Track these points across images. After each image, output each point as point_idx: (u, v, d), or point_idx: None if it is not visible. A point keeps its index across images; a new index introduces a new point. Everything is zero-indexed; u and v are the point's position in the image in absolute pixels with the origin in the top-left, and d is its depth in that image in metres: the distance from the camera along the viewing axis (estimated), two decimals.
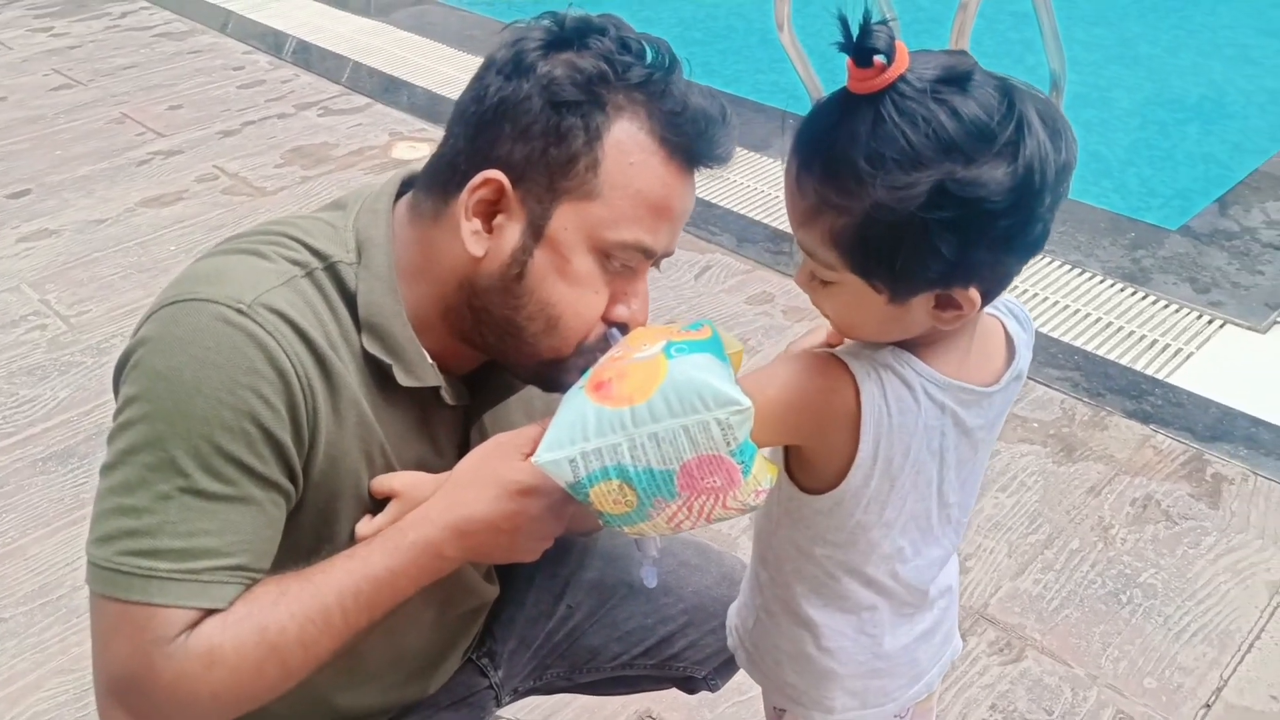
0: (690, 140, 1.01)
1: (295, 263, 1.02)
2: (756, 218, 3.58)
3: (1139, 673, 2.02)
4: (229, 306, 0.94)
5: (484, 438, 1.13)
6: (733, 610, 1.21)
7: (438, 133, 4.24)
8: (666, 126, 1.00)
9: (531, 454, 0.95)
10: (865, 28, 0.79)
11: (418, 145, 4.14)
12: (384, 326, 1.03)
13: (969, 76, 0.81)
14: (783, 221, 3.52)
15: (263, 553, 0.98)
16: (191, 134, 4.32)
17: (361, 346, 1.03)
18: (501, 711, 1.42)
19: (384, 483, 1.06)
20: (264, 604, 0.96)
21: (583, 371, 0.98)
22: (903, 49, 0.80)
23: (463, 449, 1.11)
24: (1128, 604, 2.16)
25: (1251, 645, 2.06)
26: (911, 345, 0.93)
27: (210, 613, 0.94)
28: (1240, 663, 2.03)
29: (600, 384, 0.92)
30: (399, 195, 1.11)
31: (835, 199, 0.83)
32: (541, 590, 1.42)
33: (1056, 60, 3.73)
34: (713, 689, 1.48)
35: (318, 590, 0.97)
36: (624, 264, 1.03)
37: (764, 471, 0.90)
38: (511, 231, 1.00)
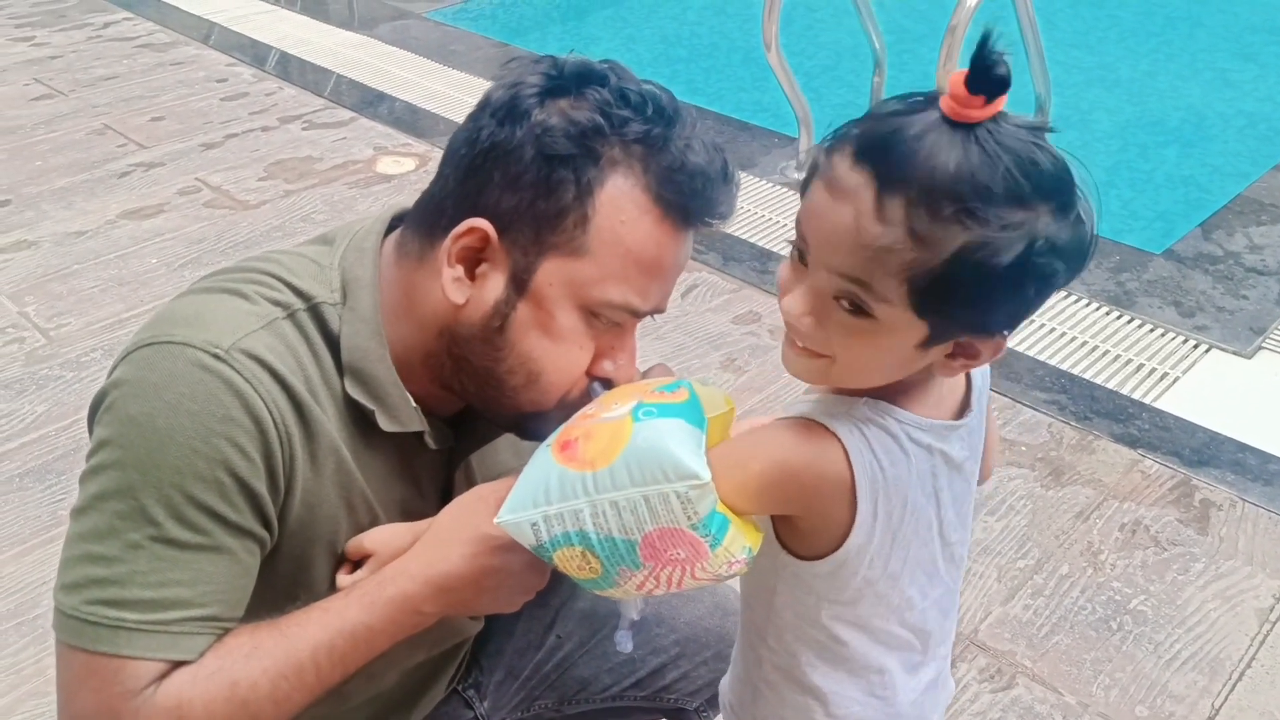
0: (686, 199, 0.97)
1: (277, 303, 0.99)
2: (743, 236, 3.58)
3: (1130, 700, 2.01)
4: (206, 351, 0.91)
5: (468, 479, 1.12)
6: (725, 687, 1.15)
7: (421, 147, 4.19)
8: (662, 183, 0.96)
9: None
10: (993, 54, 0.73)
11: (402, 160, 4.11)
12: (367, 371, 1.00)
13: (1046, 126, 0.80)
14: (769, 240, 3.52)
15: (235, 602, 0.95)
16: (173, 146, 4.28)
17: (343, 390, 1.00)
18: None
19: (357, 544, 1.04)
20: (235, 658, 0.93)
21: (561, 423, 0.96)
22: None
23: (446, 491, 1.10)
24: (1118, 630, 2.16)
25: (1243, 673, 2.06)
26: (884, 389, 0.89)
27: (180, 664, 0.91)
28: (1232, 691, 2.02)
29: (566, 443, 0.90)
30: (389, 230, 1.08)
31: (926, 228, 0.76)
32: (531, 620, 1.40)
33: (1041, 83, 3.76)
34: None
35: (291, 645, 0.94)
36: (611, 321, 1.00)
37: (739, 542, 0.87)
38: (495, 281, 0.98)
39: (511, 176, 0.95)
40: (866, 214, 0.78)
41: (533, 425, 1.03)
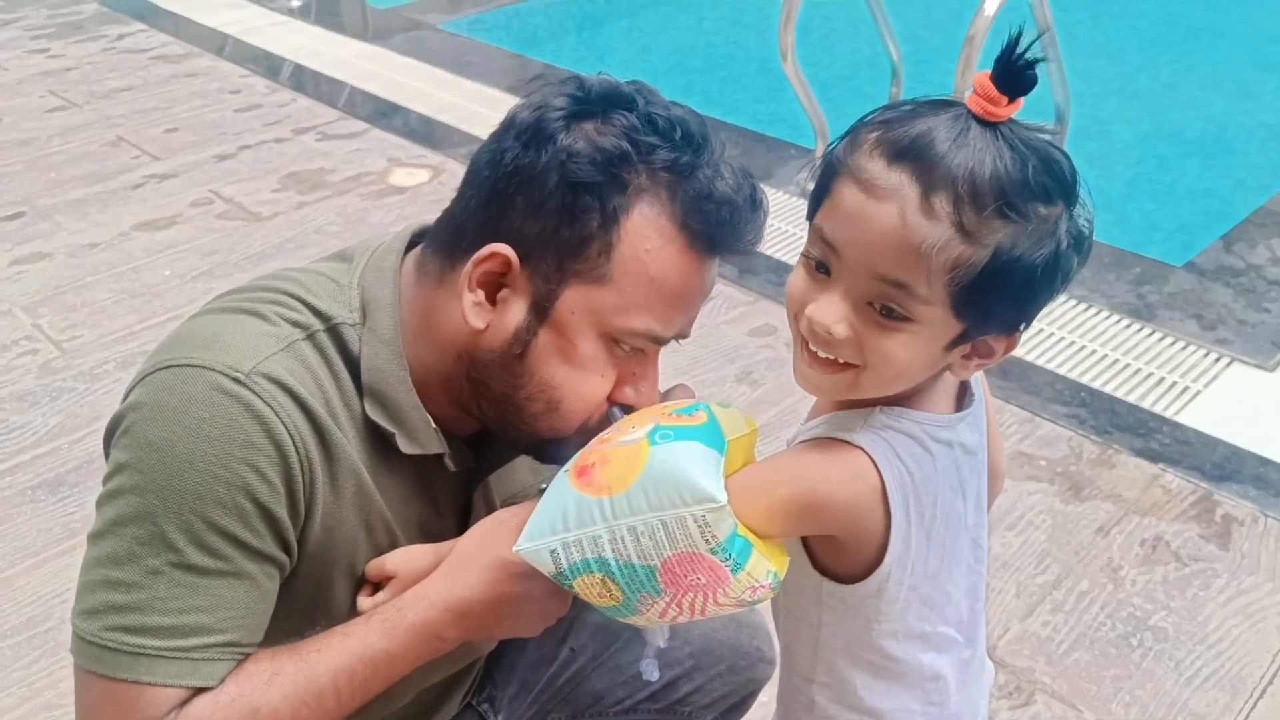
0: (713, 228, 0.96)
1: (296, 324, 0.98)
2: (759, 249, 3.56)
3: (1150, 718, 1.97)
4: (226, 375, 0.90)
5: (487, 500, 1.10)
6: None
7: (435, 159, 4.19)
8: (688, 213, 0.95)
9: None
10: (1021, 54, 0.76)
11: (415, 172, 4.11)
12: (387, 393, 0.99)
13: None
14: (786, 252, 3.50)
15: (255, 627, 0.94)
16: (187, 157, 4.29)
17: (363, 412, 0.99)
18: None
19: (378, 566, 1.03)
20: (256, 684, 0.92)
21: (579, 448, 0.95)
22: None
23: (465, 511, 1.09)
24: (1138, 647, 2.12)
25: (1265, 691, 2.02)
26: (895, 399, 0.90)
27: (200, 690, 0.91)
28: (1253, 709, 1.99)
29: (583, 469, 0.89)
30: (409, 248, 1.07)
31: (975, 226, 0.77)
32: (544, 634, 1.36)
33: (1061, 94, 3.73)
34: None
35: (312, 671, 0.94)
36: (634, 348, 0.99)
37: (763, 566, 0.85)
38: (516, 308, 0.97)
39: (535, 202, 0.93)
40: (913, 212, 0.78)
41: (551, 450, 1.02)
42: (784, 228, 3.67)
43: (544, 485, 1.15)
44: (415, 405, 1.00)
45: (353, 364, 0.99)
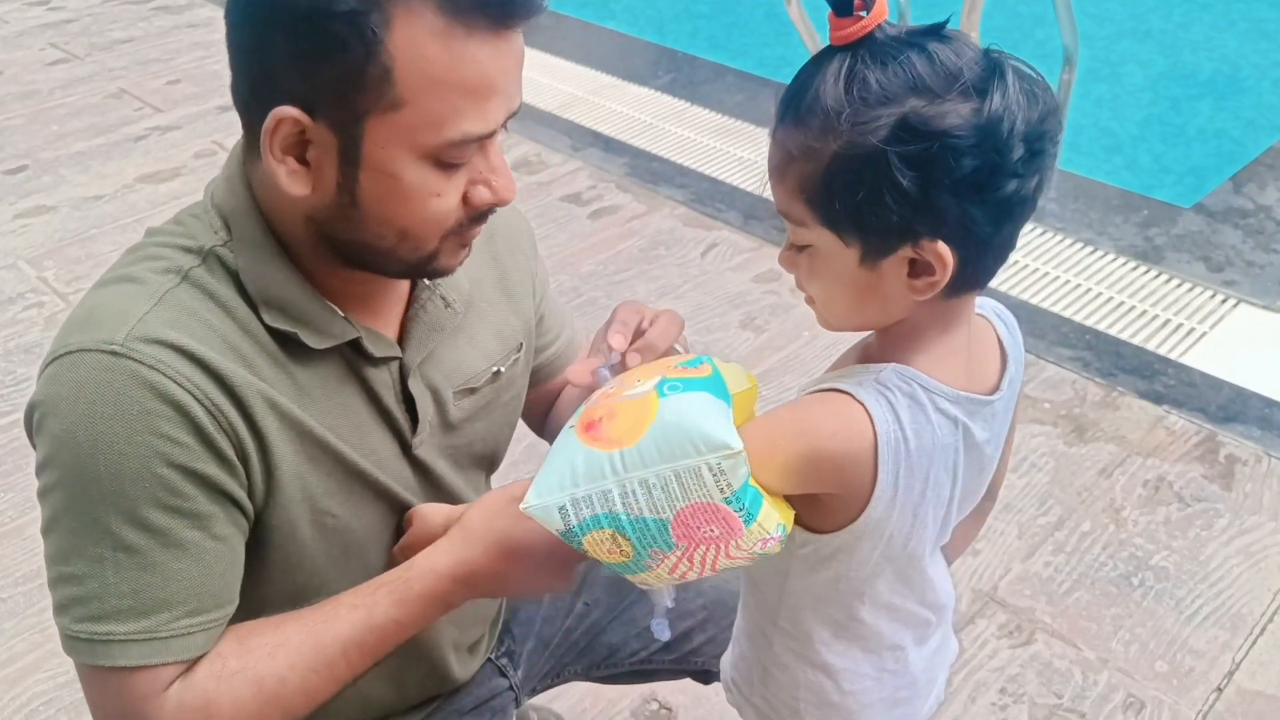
0: (486, 1, 0.86)
1: (168, 271, 0.94)
2: (764, 195, 3.53)
3: (1150, 656, 1.99)
4: (104, 351, 0.87)
5: (433, 390, 1.08)
6: (728, 664, 1.13)
7: None
8: None
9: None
10: None
11: None
12: (276, 294, 0.95)
13: (946, 30, 0.81)
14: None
15: (218, 590, 0.93)
16: (189, 109, 4.27)
17: (264, 325, 0.95)
18: None
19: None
20: (260, 655, 0.93)
21: (461, 254, 0.97)
22: (882, 1, 0.79)
23: (409, 403, 1.06)
24: (1139, 587, 2.13)
25: (1264, 628, 2.03)
26: (910, 354, 0.88)
27: (192, 663, 0.91)
28: (1253, 646, 2.00)
29: (591, 424, 0.87)
30: None
31: (804, 143, 0.82)
32: None
33: (1069, 34, 3.66)
34: None
35: (319, 642, 0.94)
36: (460, 156, 0.91)
37: (773, 518, 0.84)
38: (328, 162, 0.90)
39: (293, 52, 0.86)
40: (771, 149, 0.86)
41: (428, 267, 0.98)
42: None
43: (499, 368, 1.15)
44: (308, 295, 0.96)
45: (240, 284, 0.95)
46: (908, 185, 0.79)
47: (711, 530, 0.83)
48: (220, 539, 0.92)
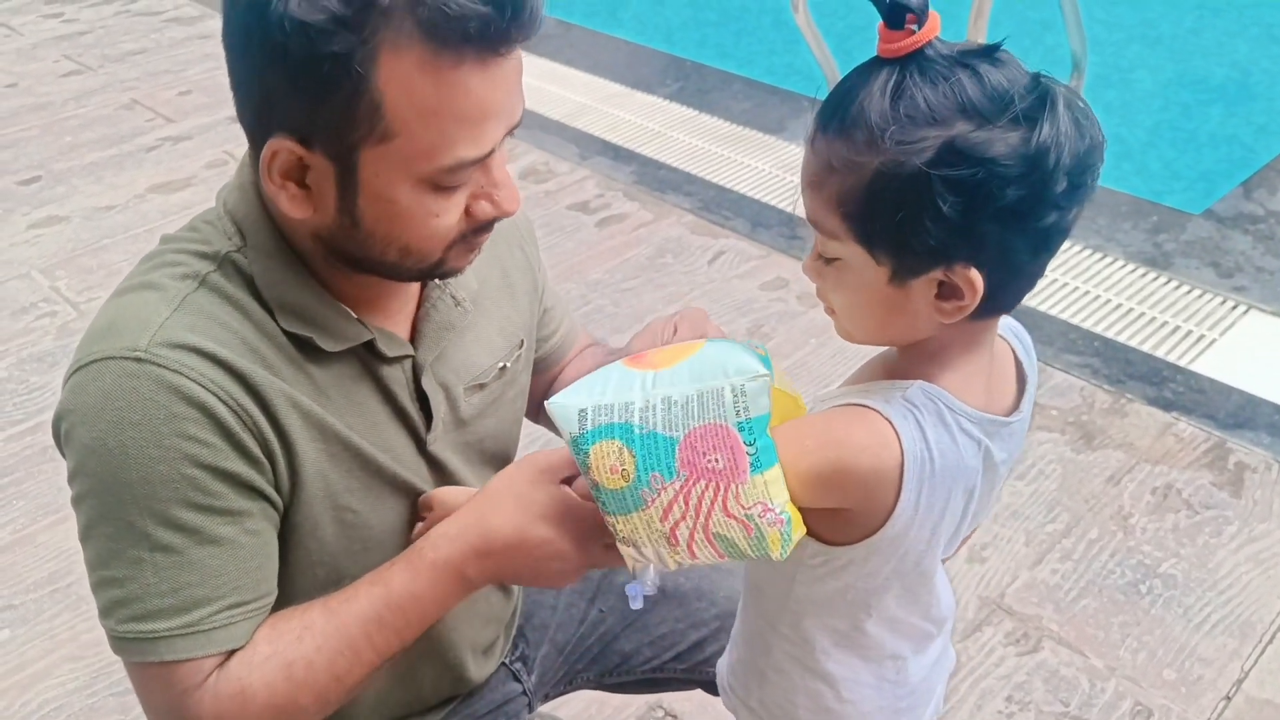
0: (471, 32, 0.84)
1: (186, 277, 0.95)
2: (771, 202, 3.54)
3: (1158, 664, 1.98)
4: (128, 358, 0.89)
5: (445, 387, 1.10)
6: (724, 669, 1.13)
7: None
8: (436, 32, 0.83)
9: (565, 480, 0.93)
10: None
11: None
12: (290, 299, 0.97)
13: (1000, 53, 0.79)
14: (797, 208, 3.48)
15: (256, 581, 0.95)
16: (201, 120, 4.30)
17: (282, 330, 0.97)
18: None
19: (424, 500, 1.07)
20: (287, 640, 0.95)
21: (470, 255, 0.99)
22: (935, 15, 0.77)
23: (422, 401, 1.07)
24: (1147, 594, 2.12)
25: (1273, 636, 2.02)
26: (936, 372, 0.88)
27: (232, 652, 0.94)
28: (1262, 654, 1.99)
29: (638, 357, 0.90)
30: None
31: (845, 156, 0.80)
32: (574, 595, 1.41)
33: (1078, 40, 3.66)
34: None
35: (341, 623, 0.95)
36: (457, 180, 0.91)
37: (782, 494, 0.83)
38: (327, 188, 0.91)
39: (288, 89, 0.86)
40: (808, 156, 0.85)
41: (436, 272, 1.00)
42: (796, 181, 3.65)
43: (504, 364, 1.17)
44: (323, 299, 0.98)
45: (255, 289, 0.97)
46: (948, 210, 0.77)
47: (716, 461, 0.82)
48: (253, 533, 0.95)
